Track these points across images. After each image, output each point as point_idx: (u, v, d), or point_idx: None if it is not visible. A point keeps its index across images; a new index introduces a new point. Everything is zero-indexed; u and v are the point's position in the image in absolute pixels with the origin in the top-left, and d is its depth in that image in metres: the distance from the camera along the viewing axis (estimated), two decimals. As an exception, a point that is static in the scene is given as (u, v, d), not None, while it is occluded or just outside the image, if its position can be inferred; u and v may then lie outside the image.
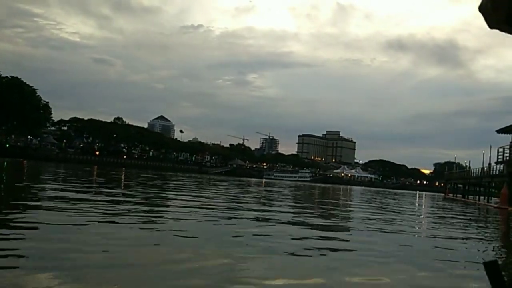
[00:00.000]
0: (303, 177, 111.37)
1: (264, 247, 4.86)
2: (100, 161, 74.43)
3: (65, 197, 8.86)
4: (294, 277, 3.58)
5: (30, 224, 5.18)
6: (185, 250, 4.38)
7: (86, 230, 5.18)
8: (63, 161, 65.91)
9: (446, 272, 4.40)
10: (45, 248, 3.98)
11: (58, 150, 75.52)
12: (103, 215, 6.57)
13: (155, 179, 26.54)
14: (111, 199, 9.61)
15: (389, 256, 5.01)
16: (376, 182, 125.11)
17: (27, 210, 6.77)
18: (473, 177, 34.76)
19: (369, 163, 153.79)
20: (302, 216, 9.81)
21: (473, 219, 13.39)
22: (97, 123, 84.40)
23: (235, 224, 7.16)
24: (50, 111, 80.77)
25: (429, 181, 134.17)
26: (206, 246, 4.71)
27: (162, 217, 7.42)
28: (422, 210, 17.92)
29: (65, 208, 6.98)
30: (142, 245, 4.52)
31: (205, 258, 4.03)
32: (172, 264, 3.73)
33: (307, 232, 6.74)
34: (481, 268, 0.56)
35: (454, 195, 45.18)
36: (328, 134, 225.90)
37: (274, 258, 4.31)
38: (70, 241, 4.33)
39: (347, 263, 4.38)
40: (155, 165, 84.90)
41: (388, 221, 9.58)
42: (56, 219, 5.74)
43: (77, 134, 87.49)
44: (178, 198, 11.50)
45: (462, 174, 42.68)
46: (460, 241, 7.46)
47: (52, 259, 3.56)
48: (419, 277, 4.08)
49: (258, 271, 3.67)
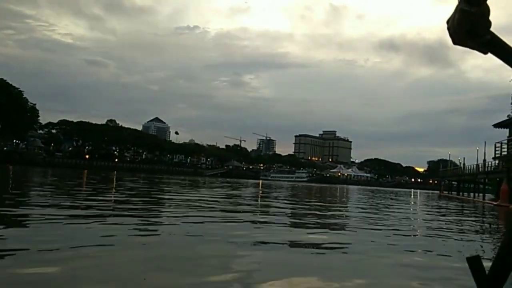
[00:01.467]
0: (300, 177, 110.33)
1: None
2: (90, 165, 72.54)
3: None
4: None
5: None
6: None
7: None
8: (50, 165, 64.17)
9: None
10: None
11: (45, 154, 73.71)
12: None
13: (135, 181, 25.09)
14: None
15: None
16: (372, 181, 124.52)
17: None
18: (468, 173, 33.53)
19: (365, 162, 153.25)
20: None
21: (474, 219, 12.05)
22: (87, 126, 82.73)
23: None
24: (37, 113, 79.17)
25: (423, 178, 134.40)
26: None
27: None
28: (417, 209, 16.60)
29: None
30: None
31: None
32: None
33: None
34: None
35: (449, 192, 44.09)
36: (324, 134, 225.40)
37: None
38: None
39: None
40: (148, 168, 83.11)
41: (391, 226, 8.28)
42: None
43: (66, 137, 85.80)
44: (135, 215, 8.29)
45: (456, 171, 41.49)
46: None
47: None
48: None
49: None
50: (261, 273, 3.44)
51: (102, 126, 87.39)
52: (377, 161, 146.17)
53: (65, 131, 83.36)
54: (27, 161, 62.55)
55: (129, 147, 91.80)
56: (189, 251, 4.26)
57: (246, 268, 3.57)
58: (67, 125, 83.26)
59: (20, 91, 69.65)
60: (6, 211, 6.57)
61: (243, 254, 4.17)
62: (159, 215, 7.94)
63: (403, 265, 4.21)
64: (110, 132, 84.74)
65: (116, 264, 3.53)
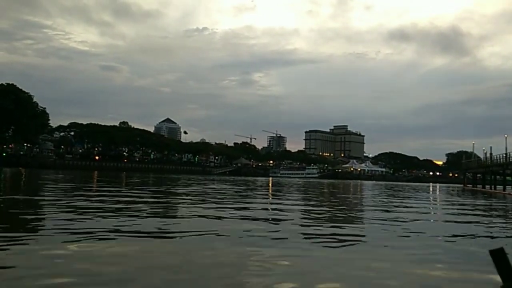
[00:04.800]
0: (310, 173, 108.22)
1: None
2: (100, 166, 72.16)
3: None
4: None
5: None
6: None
7: None
8: (61, 168, 63.89)
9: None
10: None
11: (55, 157, 73.54)
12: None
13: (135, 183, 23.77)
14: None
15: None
16: (387, 175, 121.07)
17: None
18: (497, 164, 31.10)
19: (379, 156, 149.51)
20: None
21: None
22: (97, 128, 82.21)
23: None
24: (47, 117, 79.13)
25: (442, 172, 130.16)
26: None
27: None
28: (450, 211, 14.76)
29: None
30: None
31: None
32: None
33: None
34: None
35: (474, 185, 41.64)
36: (335, 129, 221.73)
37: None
38: None
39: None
40: (157, 168, 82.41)
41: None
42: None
43: (77, 139, 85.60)
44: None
45: (482, 162, 38.93)
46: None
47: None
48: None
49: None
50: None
51: (111, 127, 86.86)
52: (392, 155, 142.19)
53: (76, 133, 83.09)
54: (39, 164, 62.42)
55: (139, 148, 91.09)
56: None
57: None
58: (77, 128, 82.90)
59: (30, 96, 69.30)
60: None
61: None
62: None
63: None
64: (119, 133, 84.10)
65: None
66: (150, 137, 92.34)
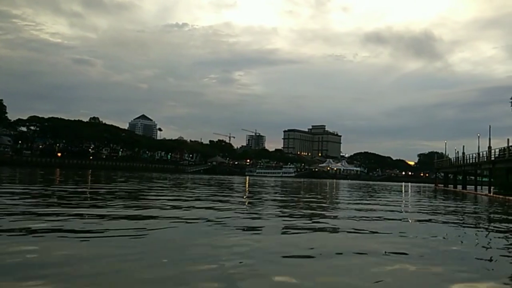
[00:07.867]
0: (287, 172, 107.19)
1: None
2: (62, 164, 67.68)
3: None
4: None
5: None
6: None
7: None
8: (18, 164, 59.19)
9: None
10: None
11: (12, 153, 68.29)
12: None
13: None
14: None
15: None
16: (362, 175, 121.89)
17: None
18: (469, 164, 30.08)
19: (354, 156, 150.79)
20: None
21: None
22: (59, 122, 77.19)
23: None
24: (4, 110, 73.84)
25: (414, 171, 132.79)
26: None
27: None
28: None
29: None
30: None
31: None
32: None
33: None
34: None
35: (445, 185, 40.94)
36: (313, 129, 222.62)
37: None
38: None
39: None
40: (126, 165, 78.56)
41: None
42: None
43: (39, 135, 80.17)
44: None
45: (454, 162, 38.15)
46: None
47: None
48: None
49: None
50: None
51: (75, 122, 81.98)
52: (367, 155, 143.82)
53: (36, 128, 77.70)
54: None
55: (106, 144, 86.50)
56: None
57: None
58: (38, 122, 77.56)
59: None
60: None
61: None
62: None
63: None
64: (85, 129, 79.40)
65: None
66: (118, 133, 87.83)
